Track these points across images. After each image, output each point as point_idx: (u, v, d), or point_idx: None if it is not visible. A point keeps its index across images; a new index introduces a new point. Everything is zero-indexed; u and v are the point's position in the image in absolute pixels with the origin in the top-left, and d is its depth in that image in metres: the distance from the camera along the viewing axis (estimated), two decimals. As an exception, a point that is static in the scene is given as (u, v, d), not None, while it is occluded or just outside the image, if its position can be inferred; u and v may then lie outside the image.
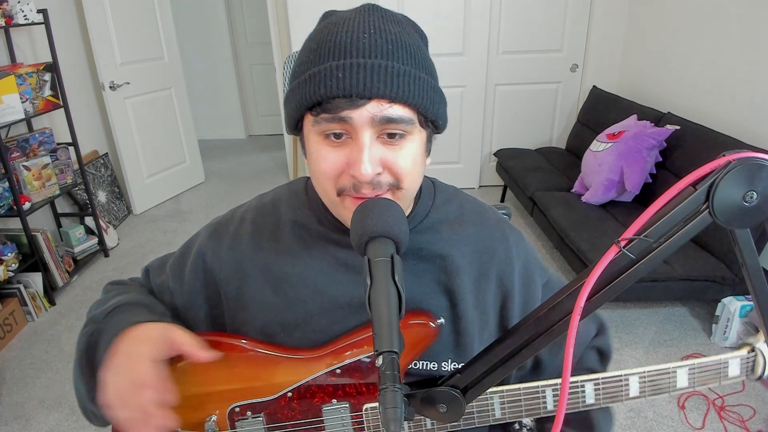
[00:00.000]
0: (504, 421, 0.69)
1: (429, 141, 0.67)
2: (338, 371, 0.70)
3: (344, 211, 0.65)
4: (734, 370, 0.68)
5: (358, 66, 0.57)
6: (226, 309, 0.77)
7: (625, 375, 0.67)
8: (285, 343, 0.73)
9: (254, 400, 0.72)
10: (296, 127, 0.66)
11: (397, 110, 0.59)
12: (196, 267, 0.78)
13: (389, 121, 0.59)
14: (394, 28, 0.61)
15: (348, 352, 0.71)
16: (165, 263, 0.83)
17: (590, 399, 0.68)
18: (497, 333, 0.77)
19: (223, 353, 0.70)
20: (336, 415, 0.71)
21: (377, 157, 0.60)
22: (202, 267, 0.77)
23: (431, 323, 0.69)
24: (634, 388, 0.68)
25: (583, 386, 0.68)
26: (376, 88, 0.57)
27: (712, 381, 0.69)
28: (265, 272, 0.74)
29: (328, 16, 0.65)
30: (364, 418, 0.71)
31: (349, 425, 0.72)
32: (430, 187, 0.79)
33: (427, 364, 0.72)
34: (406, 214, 0.74)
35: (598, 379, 0.67)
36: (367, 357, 0.70)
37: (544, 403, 0.68)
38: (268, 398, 0.72)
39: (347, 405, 0.71)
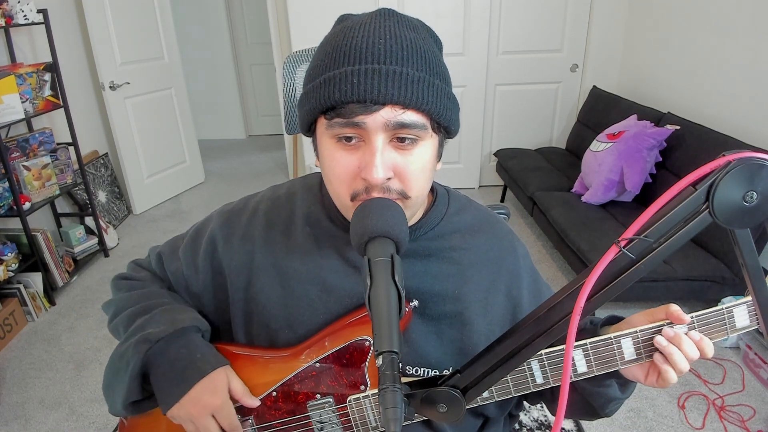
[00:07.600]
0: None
1: (441, 146, 0.67)
2: (317, 365, 0.71)
3: None
4: (742, 319, 0.61)
5: (373, 72, 0.57)
6: (233, 300, 0.78)
7: (615, 337, 0.62)
8: (289, 340, 0.74)
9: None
10: (309, 129, 0.67)
11: (411, 116, 0.59)
12: (207, 255, 0.79)
13: (402, 126, 0.59)
14: (410, 34, 0.61)
15: (323, 345, 0.71)
16: (176, 248, 0.84)
17: (582, 368, 0.64)
18: None
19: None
20: (321, 410, 0.72)
21: (389, 161, 0.60)
22: (212, 254, 0.79)
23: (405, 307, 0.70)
24: (628, 352, 0.63)
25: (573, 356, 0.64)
26: (390, 95, 0.57)
27: (719, 334, 0.62)
28: (276, 267, 0.75)
29: (344, 20, 0.65)
30: (349, 410, 0.72)
31: (336, 419, 0.73)
32: (444, 195, 0.79)
33: (428, 371, 0.72)
34: (418, 219, 0.74)
35: (586, 344, 0.63)
36: (341, 348, 0.71)
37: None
38: None
39: (331, 399, 0.72)
